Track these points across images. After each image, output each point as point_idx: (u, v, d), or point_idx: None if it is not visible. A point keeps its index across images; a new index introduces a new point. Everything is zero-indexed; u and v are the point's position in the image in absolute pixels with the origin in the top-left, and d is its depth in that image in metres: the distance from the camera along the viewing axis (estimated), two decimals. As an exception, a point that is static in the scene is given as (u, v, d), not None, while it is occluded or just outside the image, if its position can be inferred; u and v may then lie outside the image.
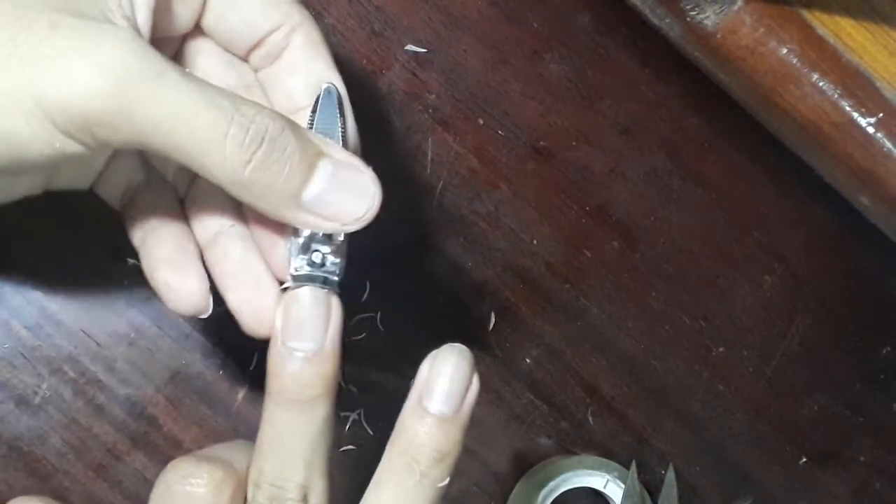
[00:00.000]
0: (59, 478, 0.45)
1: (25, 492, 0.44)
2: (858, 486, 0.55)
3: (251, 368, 0.47)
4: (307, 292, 0.33)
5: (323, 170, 0.31)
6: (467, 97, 0.49)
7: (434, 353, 0.34)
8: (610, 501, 0.49)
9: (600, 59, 0.50)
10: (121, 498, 0.45)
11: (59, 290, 0.45)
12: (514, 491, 0.50)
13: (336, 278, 0.34)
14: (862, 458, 0.55)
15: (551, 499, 0.48)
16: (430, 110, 0.49)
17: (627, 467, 0.49)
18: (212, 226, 0.36)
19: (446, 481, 0.34)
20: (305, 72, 0.36)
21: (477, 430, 0.50)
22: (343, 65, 0.37)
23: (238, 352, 0.47)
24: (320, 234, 0.33)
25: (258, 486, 0.33)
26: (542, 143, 0.50)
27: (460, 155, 0.50)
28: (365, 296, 0.47)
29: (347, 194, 0.32)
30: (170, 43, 0.35)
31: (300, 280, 0.33)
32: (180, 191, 0.38)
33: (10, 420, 0.44)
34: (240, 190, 0.30)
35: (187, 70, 0.30)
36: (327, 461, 0.34)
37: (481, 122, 0.50)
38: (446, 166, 0.49)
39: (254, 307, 0.35)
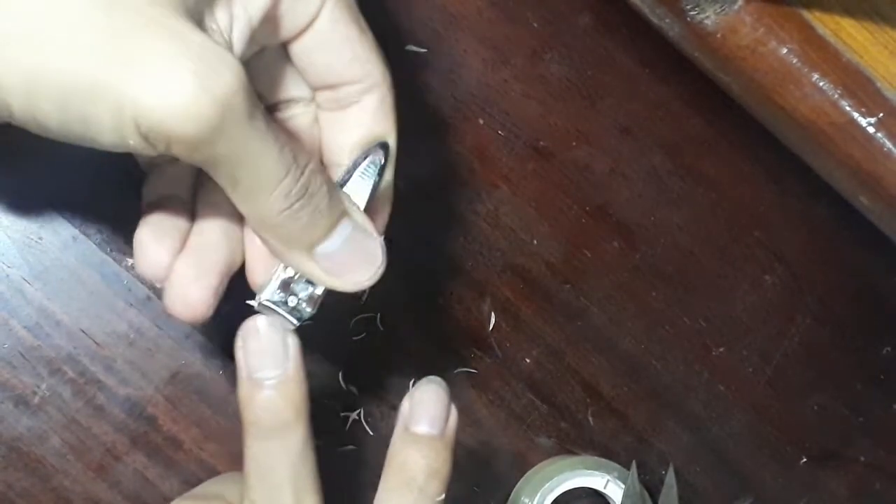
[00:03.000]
0: (58, 478, 0.45)
1: (25, 492, 0.44)
2: (858, 486, 0.55)
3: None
4: (263, 322, 0.34)
5: (342, 229, 0.33)
6: (467, 97, 0.49)
7: (412, 388, 0.36)
8: (610, 502, 0.49)
9: (600, 59, 0.50)
10: (120, 498, 0.45)
11: (59, 289, 0.45)
12: (514, 491, 0.50)
13: (296, 324, 0.35)
14: (862, 458, 0.55)
15: (551, 499, 0.48)
16: (430, 110, 0.49)
17: (627, 467, 0.49)
18: (209, 213, 0.37)
19: (443, 496, 0.36)
20: (368, 134, 0.36)
21: (477, 430, 0.50)
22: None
23: (238, 352, 0.47)
24: (304, 281, 0.35)
25: None
26: (542, 143, 0.50)
27: (460, 155, 0.50)
28: (365, 296, 0.47)
29: (356, 258, 0.33)
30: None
31: (264, 310, 0.35)
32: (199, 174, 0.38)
33: (10, 420, 0.44)
34: (263, 227, 0.32)
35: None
36: (314, 479, 0.35)
37: (481, 122, 0.50)
38: (446, 166, 0.49)
39: (184, 287, 0.36)
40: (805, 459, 0.54)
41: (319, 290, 0.35)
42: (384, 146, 0.36)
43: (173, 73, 0.26)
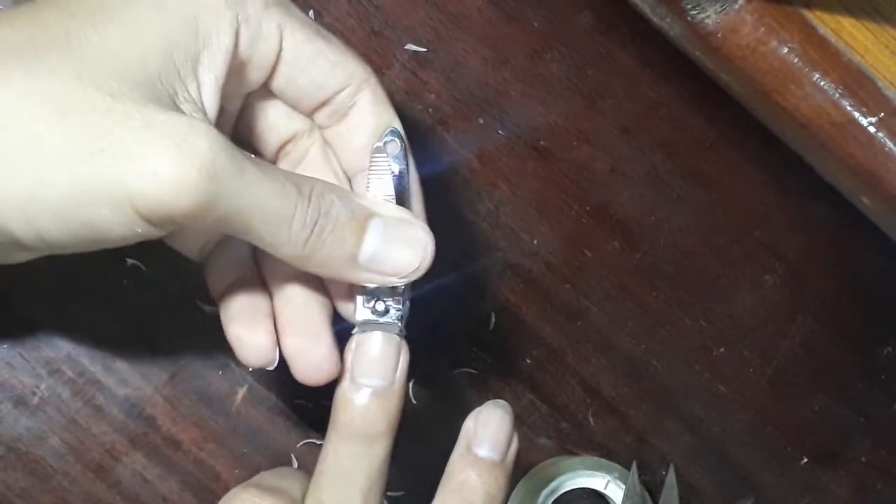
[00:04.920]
0: (57, 478, 0.45)
1: (24, 493, 0.44)
2: (859, 487, 0.54)
3: (250, 369, 0.46)
4: (379, 335, 0.35)
5: (374, 230, 0.33)
6: (467, 97, 0.49)
7: (478, 408, 0.37)
8: (610, 502, 0.49)
9: (601, 58, 0.50)
10: (119, 498, 0.45)
11: (59, 289, 0.45)
12: (514, 491, 0.50)
13: (398, 324, 0.35)
14: (863, 459, 0.55)
15: (552, 500, 0.48)
16: (430, 110, 0.49)
17: (628, 468, 0.49)
18: (280, 275, 0.37)
19: None
20: (375, 128, 0.37)
21: (477, 431, 0.50)
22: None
23: (237, 352, 0.47)
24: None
25: None
26: (542, 142, 0.50)
27: (460, 155, 0.49)
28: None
29: (401, 248, 0.34)
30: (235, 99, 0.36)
31: (365, 328, 0.35)
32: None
33: (9, 421, 0.44)
34: (302, 262, 0.32)
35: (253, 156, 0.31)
36: (383, 495, 0.35)
37: (481, 121, 0.49)
38: (446, 166, 0.49)
39: (308, 356, 0.36)
40: (806, 460, 0.54)
41: (400, 287, 0.35)
42: (395, 133, 0.36)
43: (153, 155, 0.27)
